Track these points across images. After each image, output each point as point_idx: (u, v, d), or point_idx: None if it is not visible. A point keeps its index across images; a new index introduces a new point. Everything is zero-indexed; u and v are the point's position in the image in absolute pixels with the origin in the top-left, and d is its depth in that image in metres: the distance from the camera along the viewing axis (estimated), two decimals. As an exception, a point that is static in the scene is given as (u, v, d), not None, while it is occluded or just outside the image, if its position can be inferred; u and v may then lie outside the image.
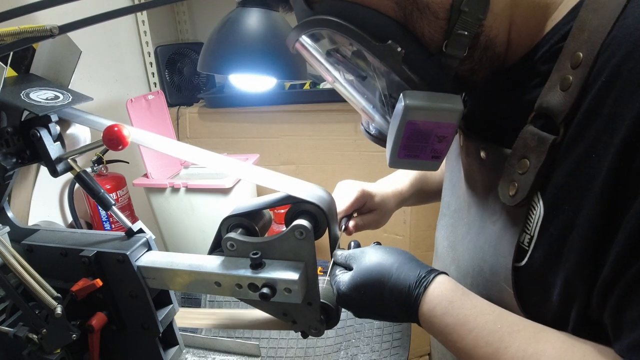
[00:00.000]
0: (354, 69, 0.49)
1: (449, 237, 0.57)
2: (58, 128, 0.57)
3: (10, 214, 0.61)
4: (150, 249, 0.56)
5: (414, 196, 0.83)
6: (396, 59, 0.40)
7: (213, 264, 0.52)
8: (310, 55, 0.50)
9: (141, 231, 0.56)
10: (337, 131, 1.47)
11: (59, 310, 0.49)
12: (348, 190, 0.74)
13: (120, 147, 0.48)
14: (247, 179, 0.55)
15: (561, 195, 0.36)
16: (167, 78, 1.62)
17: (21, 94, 0.54)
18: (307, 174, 1.55)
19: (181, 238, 1.38)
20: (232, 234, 0.51)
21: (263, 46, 0.54)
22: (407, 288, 0.46)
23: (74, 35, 0.50)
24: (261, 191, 1.48)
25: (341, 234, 0.71)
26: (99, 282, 0.52)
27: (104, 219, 1.18)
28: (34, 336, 0.53)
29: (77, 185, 1.03)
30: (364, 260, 0.51)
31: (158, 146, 0.56)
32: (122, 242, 0.55)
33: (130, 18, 1.44)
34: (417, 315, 0.46)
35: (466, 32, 0.38)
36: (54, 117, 0.56)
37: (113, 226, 1.19)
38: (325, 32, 0.45)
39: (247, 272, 0.49)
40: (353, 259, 0.52)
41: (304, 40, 0.48)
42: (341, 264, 0.54)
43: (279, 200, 0.53)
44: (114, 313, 0.55)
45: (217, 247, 0.55)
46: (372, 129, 0.55)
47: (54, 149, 0.55)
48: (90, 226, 1.21)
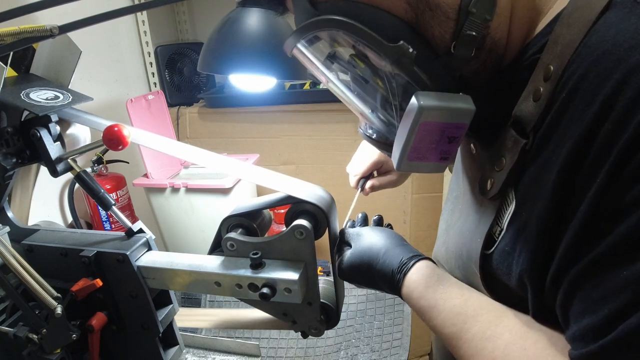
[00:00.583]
0: (357, 72, 0.48)
1: (447, 221, 0.60)
2: (58, 128, 0.57)
3: (10, 214, 0.61)
4: (150, 249, 0.56)
5: None
6: (408, 60, 0.40)
7: (213, 264, 0.52)
8: (312, 56, 0.49)
9: (141, 231, 0.56)
10: (337, 131, 1.47)
11: (59, 310, 0.49)
12: (368, 151, 0.82)
13: (120, 147, 0.48)
14: (247, 179, 0.55)
15: (526, 195, 0.39)
16: (167, 78, 1.61)
17: (21, 94, 0.54)
18: (307, 174, 1.55)
19: (181, 238, 1.38)
20: (232, 234, 0.51)
21: (263, 46, 0.54)
22: (390, 272, 0.52)
23: (74, 35, 0.50)
24: (261, 191, 1.48)
25: (359, 193, 0.78)
26: (99, 282, 0.52)
27: (104, 219, 1.18)
28: (34, 336, 0.53)
29: (77, 185, 1.03)
30: (359, 242, 0.56)
31: (158, 146, 0.56)
32: (122, 242, 0.55)
33: (130, 18, 1.44)
34: (401, 295, 0.52)
35: (474, 33, 0.39)
36: (54, 117, 0.56)
37: (113, 226, 1.19)
38: (328, 34, 0.45)
39: (247, 272, 0.49)
40: (352, 238, 0.58)
41: (305, 43, 0.47)
42: (344, 241, 0.59)
43: (279, 200, 0.53)
44: (114, 313, 0.55)
45: (217, 247, 0.56)
46: (371, 132, 0.55)
47: (54, 149, 0.55)
48: (90, 226, 1.21)
